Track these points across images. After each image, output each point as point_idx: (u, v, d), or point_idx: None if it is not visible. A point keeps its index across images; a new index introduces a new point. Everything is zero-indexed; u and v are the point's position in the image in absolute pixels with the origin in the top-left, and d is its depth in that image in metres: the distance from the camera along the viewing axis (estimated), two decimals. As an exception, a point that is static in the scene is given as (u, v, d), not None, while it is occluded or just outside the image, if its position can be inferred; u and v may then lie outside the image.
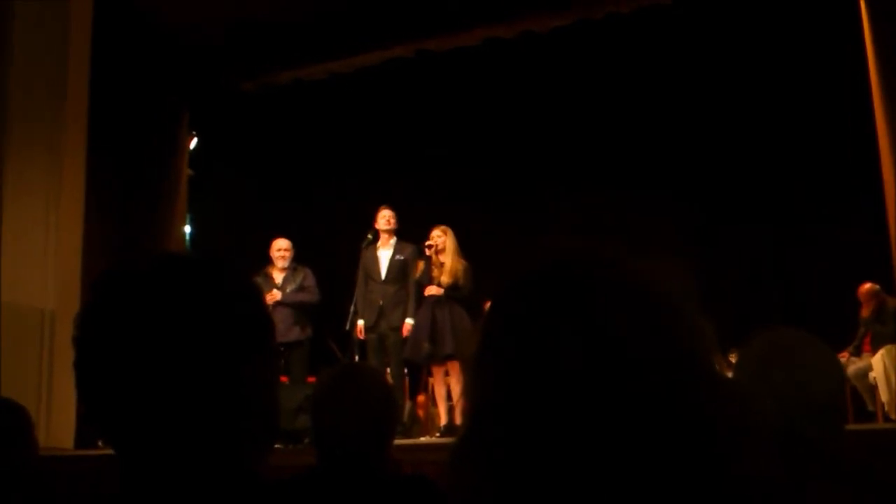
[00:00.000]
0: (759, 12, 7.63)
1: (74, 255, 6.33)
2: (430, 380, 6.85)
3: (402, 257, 6.49)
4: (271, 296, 6.47)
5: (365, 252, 6.60)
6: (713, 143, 8.41)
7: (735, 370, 1.62)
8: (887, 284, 6.87)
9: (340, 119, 9.29)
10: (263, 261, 6.83)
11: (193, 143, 8.86)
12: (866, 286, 7.02)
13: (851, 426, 5.09)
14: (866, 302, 7.04)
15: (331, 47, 7.70)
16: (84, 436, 6.02)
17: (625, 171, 8.39)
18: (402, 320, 6.34)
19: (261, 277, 6.58)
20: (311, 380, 6.07)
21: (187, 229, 8.96)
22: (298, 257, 6.90)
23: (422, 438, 6.34)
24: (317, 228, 8.83)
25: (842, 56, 6.89)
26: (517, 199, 8.96)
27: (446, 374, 6.26)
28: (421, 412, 7.67)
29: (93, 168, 6.65)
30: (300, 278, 6.73)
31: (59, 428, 5.90)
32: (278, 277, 6.72)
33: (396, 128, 9.17)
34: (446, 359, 6.13)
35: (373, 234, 6.60)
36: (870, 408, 6.59)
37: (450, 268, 6.23)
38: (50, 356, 5.91)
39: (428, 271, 6.31)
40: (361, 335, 6.49)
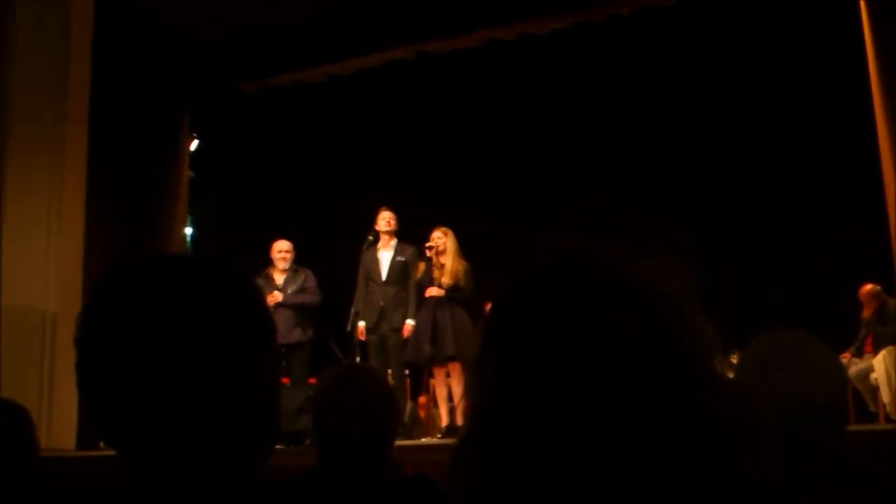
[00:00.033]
0: (760, 13, 7.63)
1: (76, 256, 6.33)
2: (431, 381, 6.85)
3: (403, 259, 6.48)
4: (272, 297, 6.47)
5: (365, 253, 6.59)
6: (713, 144, 8.41)
7: (736, 371, 1.62)
8: (888, 285, 6.86)
9: (341, 120, 9.29)
10: (264, 262, 6.83)
11: (194, 145, 8.86)
12: (867, 287, 7.02)
13: (853, 427, 5.08)
14: (867, 303, 7.04)
15: (331, 49, 7.70)
16: (85, 437, 6.02)
17: (625, 172, 8.39)
18: (403, 321, 6.34)
19: (262, 279, 6.58)
20: (312, 381, 6.07)
21: (188, 231, 8.96)
22: (299, 259, 6.90)
23: (423, 439, 6.34)
24: (317, 230, 8.83)
25: (842, 56, 6.88)
26: (517, 199, 8.96)
27: (447, 375, 6.26)
28: (422, 413, 7.66)
29: (94, 169, 6.65)
30: (301, 280, 6.73)
31: (60, 429, 5.91)
32: (279, 279, 6.72)
33: (397, 129, 9.17)
34: (447, 360, 6.14)
35: (373, 236, 6.59)
36: (871, 409, 6.59)
37: (450, 269, 6.23)
38: (51, 357, 5.91)
39: (429, 272, 6.31)
40: (362, 336, 6.49)
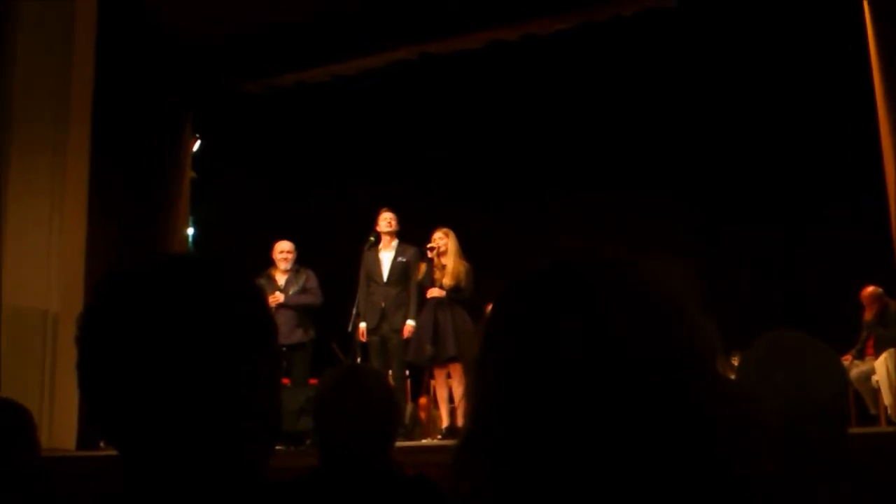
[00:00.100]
0: (762, 13, 7.63)
1: (77, 256, 6.33)
2: (432, 382, 6.85)
3: (404, 259, 6.48)
4: (274, 298, 6.47)
5: (367, 254, 6.59)
6: (715, 144, 8.40)
7: (737, 372, 1.62)
8: (890, 287, 6.86)
9: (343, 121, 9.29)
10: (266, 263, 6.83)
11: (197, 146, 8.86)
12: (869, 289, 7.01)
13: (854, 429, 5.08)
14: (869, 305, 7.03)
15: (334, 49, 7.70)
16: (86, 437, 6.03)
17: (626, 172, 8.38)
18: (404, 322, 6.34)
19: (263, 279, 6.58)
20: (314, 382, 6.07)
21: (190, 231, 8.96)
22: (301, 259, 6.90)
23: (424, 440, 6.34)
24: (319, 230, 8.82)
25: (845, 57, 6.88)
26: (519, 200, 8.96)
27: (448, 376, 6.27)
28: (423, 414, 7.66)
29: (96, 170, 6.66)
30: (303, 280, 6.73)
31: (61, 429, 5.91)
32: (281, 279, 6.72)
33: (399, 130, 9.17)
34: (448, 361, 6.14)
35: (375, 237, 6.59)
36: (872, 411, 6.58)
37: (451, 270, 6.23)
38: (53, 357, 5.91)
39: (430, 273, 6.31)
40: (363, 337, 6.49)
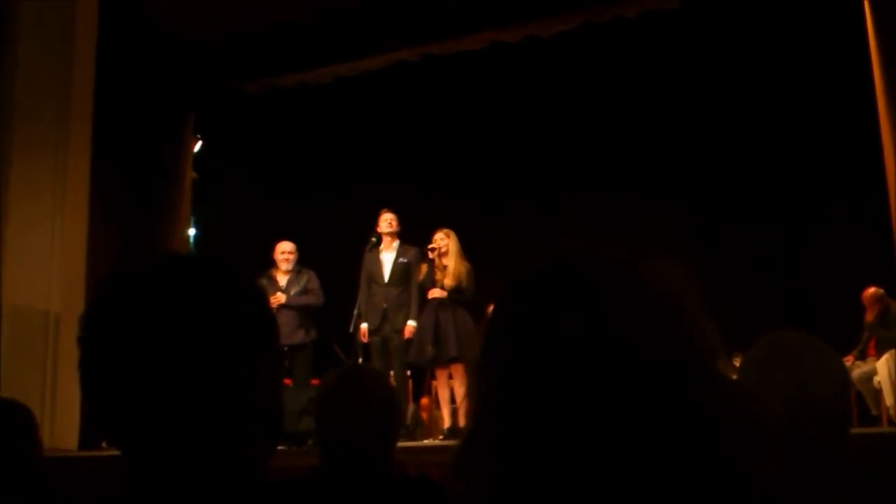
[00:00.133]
0: (763, 15, 7.63)
1: (79, 257, 6.33)
2: (434, 382, 6.85)
3: (405, 260, 6.48)
4: (275, 298, 6.47)
5: (368, 255, 6.59)
6: (716, 144, 8.40)
7: (738, 372, 1.62)
8: (891, 288, 6.86)
9: (344, 122, 9.29)
10: (267, 263, 6.83)
11: (198, 146, 8.86)
12: (870, 290, 7.01)
13: (855, 430, 5.08)
14: (870, 306, 7.03)
15: (335, 50, 7.70)
16: (88, 437, 6.03)
17: (627, 172, 8.39)
18: (405, 323, 6.34)
19: (265, 280, 6.58)
20: (315, 382, 6.07)
21: (191, 231, 8.97)
22: (302, 260, 6.90)
23: (425, 441, 6.34)
24: (321, 231, 8.82)
25: (845, 56, 6.88)
26: (520, 200, 8.96)
27: (450, 376, 6.27)
28: (424, 415, 7.67)
29: (97, 170, 6.66)
30: (304, 281, 6.73)
31: (63, 429, 5.91)
32: (282, 280, 6.72)
33: (400, 131, 9.18)
34: (450, 361, 6.14)
35: (376, 238, 6.59)
36: (874, 412, 6.58)
37: (453, 270, 6.23)
38: (54, 358, 5.92)
39: (431, 274, 6.31)
40: (365, 338, 6.49)
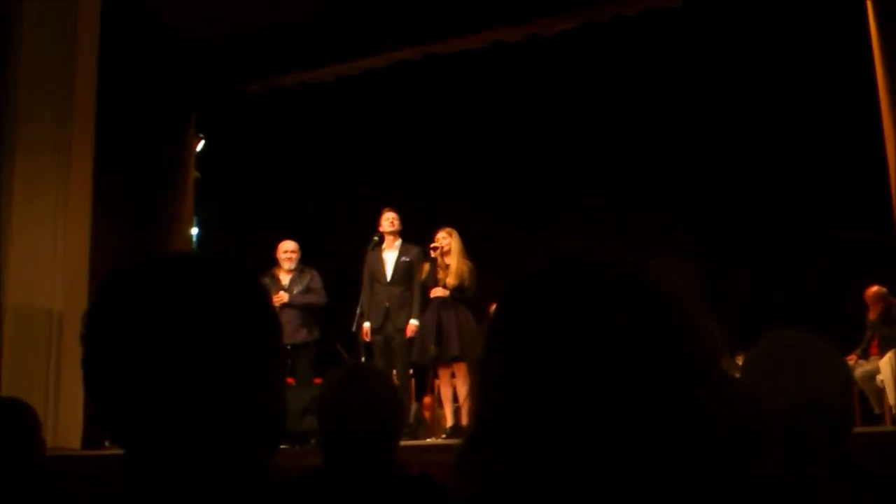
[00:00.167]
0: (766, 14, 7.62)
1: (82, 256, 6.34)
2: (436, 381, 6.85)
3: (408, 259, 6.48)
4: (278, 298, 6.47)
5: (370, 254, 6.59)
6: (716, 144, 8.39)
7: (741, 371, 1.62)
8: (894, 287, 6.85)
9: (346, 121, 9.30)
10: (270, 262, 6.83)
11: (200, 146, 8.87)
12: (873, 289, 7.00)
13: (858, 429, 5.07)
14: (873, 305, 7.02)
15: (337, 49, 7.70)
16: (91, 436, 6.04)
17: (628, 172, 8.38)
18: (408, 322, 6.34)
19: (267, 279, 6.59)
20: (318, 381, 6.07)
21: (194, 231, 8.97)
22: (305, 259, 6.90)
23: (428, 440, 6.34)
24: (323, 230, 8.83)
25: (847, 56, 6.87)
26: (521, 200, 8.96)
27: (452, 375, 6.27)
28: (427, 414, 7.66)
29: (100, 170, 6.66)
30: (307, 280, 6.73)
31: (66, 428, 5.92)
32: (285, 279, 6.72)
33: (401, 130, 9.18)
34: (452, 360, 6.14)
35: (378, 238, 6.60)
36: (877, 411, 6.57)
37: (455, 269, 6.23)
38: (57, 357, 5.92)
39: (433, 273, 6.31)
40: (367, 337, 6.49)
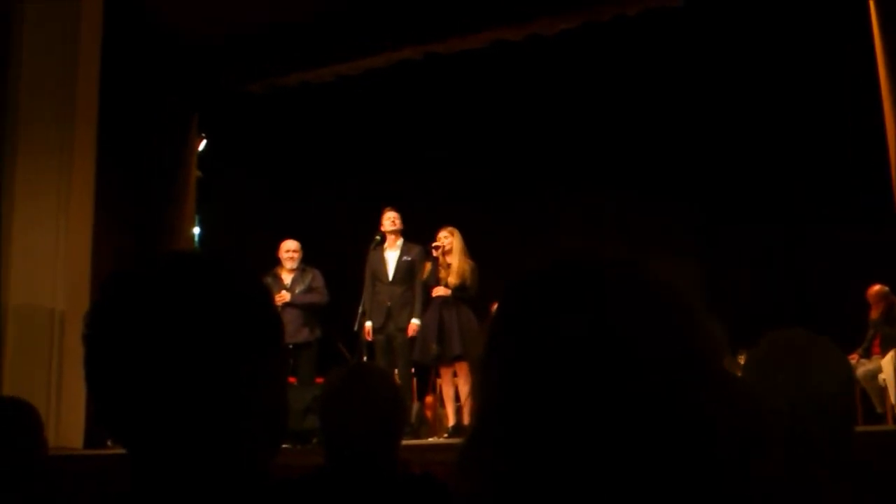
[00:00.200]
0: (766, 13, 7.61)
1: (84, 256, 6.35)
2: (438, 381, 6.86)
3: (410, 258, 6.49)
4: (280, 297, 6.48)
5: (372, 253, 6.60)
6: (717, 144, 8.39)
7: (743, 371, 1.62)
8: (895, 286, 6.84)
9: (347, 121, 9.30)
10: (272, 262, 6.84)
11: (202, 145, 8.87)
12: (875, 288, 6.99)
13: (860, 428, 5.07)
14: (875, 304, 7.02)
15: (338, 49, 7.70)
16: (93, 435, 6.04)
17: (628, 172, 8.38)
18: (410, 321, 6.34)
19: (269, 278, 6.59)
20: (320, 381, 6.07)
21: (196, 230, 8.97)
22: (307, 258, 6.91)
23: (430, 439, 6.34)
24: (325, 229, 8.83)
25: (849, 56, 6.86)
26: (520, 200, 8.96)
27: (454, 374, 6.27)
28: (429, 413, 7.66)
29: (102, 169, 6.67)
30: (309, 279, 6.73)
31: (68, 428, 5.93)
32: (287, 279, 6.72)
33: (402, 130, 9.18)
34: (454, 359, 6.14)
35: (380, 237, 6.60)
36: (879, 410, 6.57)
37: (457, 268, 6.23)
38: (59, 356, 5.93)
39: (435, 272, 6.31)
40: (369, 336, 6.49)
